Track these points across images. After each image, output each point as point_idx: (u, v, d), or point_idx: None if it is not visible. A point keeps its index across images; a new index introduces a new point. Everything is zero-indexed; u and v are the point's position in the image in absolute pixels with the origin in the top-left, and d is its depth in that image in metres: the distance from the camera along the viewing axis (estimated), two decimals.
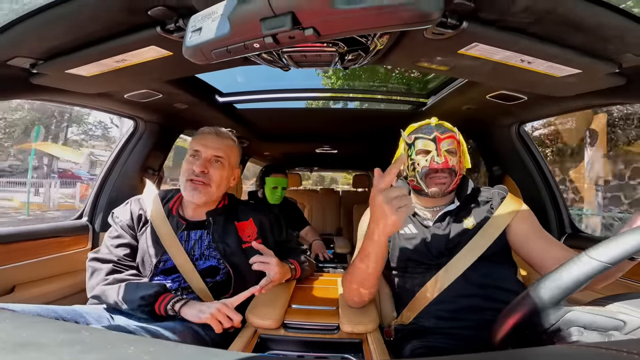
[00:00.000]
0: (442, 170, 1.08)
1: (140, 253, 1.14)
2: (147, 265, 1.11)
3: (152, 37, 0.77)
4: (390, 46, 0.86)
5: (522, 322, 0.58)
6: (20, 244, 1.18)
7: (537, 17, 0.68)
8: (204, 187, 1.14)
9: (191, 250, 1.14)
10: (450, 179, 1.09)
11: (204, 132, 1.19)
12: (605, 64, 0.80)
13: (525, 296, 0.59)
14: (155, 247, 1.12)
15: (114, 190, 1.59)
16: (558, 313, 0.56)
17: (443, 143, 1.09)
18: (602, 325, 0.53)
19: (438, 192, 1.08)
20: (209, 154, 1.15)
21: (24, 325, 0.38)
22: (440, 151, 1.07)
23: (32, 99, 1.14)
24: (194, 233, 1.18)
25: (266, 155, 3.52)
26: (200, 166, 1.13)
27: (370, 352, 0.84)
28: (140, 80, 1.17)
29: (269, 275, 1.05)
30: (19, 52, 0.85)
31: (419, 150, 1.11)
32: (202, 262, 1.14)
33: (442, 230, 1.09)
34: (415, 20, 0.49)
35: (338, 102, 1.90)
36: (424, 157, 1.09)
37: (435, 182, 1.08)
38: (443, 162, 1.06)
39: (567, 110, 1.30)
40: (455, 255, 1.03)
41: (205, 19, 0.59)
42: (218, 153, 1.16)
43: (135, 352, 0.32)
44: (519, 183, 1.54)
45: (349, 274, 0.98)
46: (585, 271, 0.55)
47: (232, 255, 1.15)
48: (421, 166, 1.09)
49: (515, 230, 1.06)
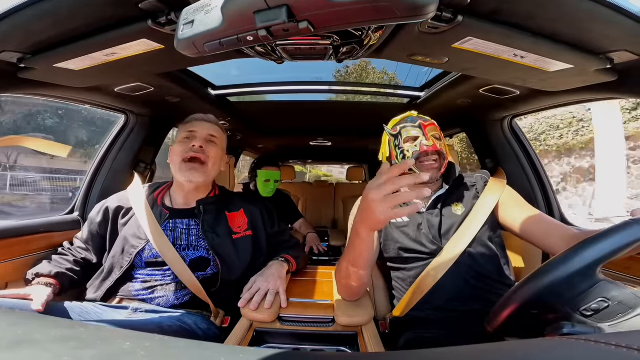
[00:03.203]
0: (432, 153, 1.13)
1: (120, 243, 1.12)
2: (126, 255, 1.09)
3: (143, 30, 0.75)
4: (385, 40, 0.85)
5: (546, 292, 0.57)
6: (9, 240, 1.16)
7: (530, 12, 0.68)
8: (201, 166, 1.15)
9: (177, 240, 1.12)
10: (440, 162, 1.14)
11: (193, 119, 1.22)
12: (597, 59, 0.81)
13: (555, 262, 0.57)
14: (135, 236, 1.11)
15: (105, 184, 1.57)
16: (592, 280, 0.55)
17: (429, 129, 1.14)
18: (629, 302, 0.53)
19: (432, 176, 1.12)
20: (204, 133, 1.19)
21: (18, 322, 0.37)
22: (427, 135, 1.12)
23: (20, 94, 1.11)
24: (181, 222, 1.16)
25: (260, 148, 3.50)
26: (199, 141, 1.15)
27: (366, 344, 0.85)
28: (131, 74, 1.15)
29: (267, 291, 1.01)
30: (6, 46, 0.83)
31: (407, 138, 1.14)
32: (192, 252, 1.11)
33: (435, 216, 1.11)
34: (411, 13, 0.49)
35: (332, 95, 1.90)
36: (412, 143, 1.13)
37: (427, 168, 1.12)
38: (432, 145, 1.10)
39: (559, 104, 1.31)
40: (448, 241, 1.05)
41: (198, 12, 0.59)
42: (213, 132, 1.21)
43: (131, 347, 0.32)
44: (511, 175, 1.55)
45: (338, 268, 0.98)
46: (633, 236, 0.54)
47: (220, 246, 1.13)
48: (411, 152, 1.12)
49: (504, 210, 1.10)
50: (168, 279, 1.08)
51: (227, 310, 1.10)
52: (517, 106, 1.43)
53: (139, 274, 1.09)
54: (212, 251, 1.11)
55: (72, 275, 1.11)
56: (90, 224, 1.20)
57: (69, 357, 0.29)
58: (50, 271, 1.06)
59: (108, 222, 1.19)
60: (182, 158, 1.14)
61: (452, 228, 1.07)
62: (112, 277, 1.07)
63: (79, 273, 1.14)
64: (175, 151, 1.17)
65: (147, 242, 1.09)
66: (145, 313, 1.00)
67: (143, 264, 1.09)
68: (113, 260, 1.10)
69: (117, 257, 1.10)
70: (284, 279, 1.10)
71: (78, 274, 1.13)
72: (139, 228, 1.12)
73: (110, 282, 1.07)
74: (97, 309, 1.00)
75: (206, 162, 1.16)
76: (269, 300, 0.96)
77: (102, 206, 1.22)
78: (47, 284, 1.02)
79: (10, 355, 0.29)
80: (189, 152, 1.14)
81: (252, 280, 1.05)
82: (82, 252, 1.19)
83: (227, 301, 1.08)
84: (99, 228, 1.19)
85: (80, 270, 1.15)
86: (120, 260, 1.09)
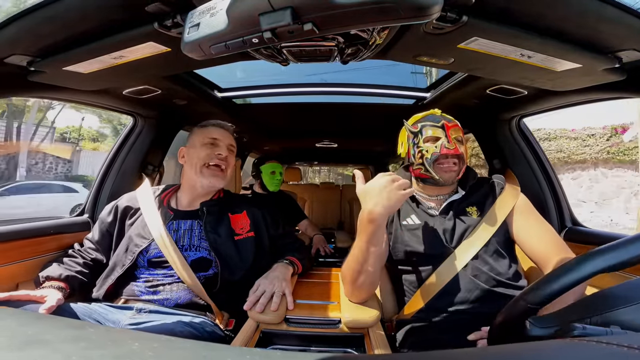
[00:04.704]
0: (452, 157, 1.07)
1: (125, 242, 1.15)
2: (129, 254, 1.11)
3: (150, 33, 0.76)
4: (390, 41, 0.85)
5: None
6: (20, 242, 1.18)
7: (537, 12, 0.67)
8: (221, 173, 1.23)
9: (180, 240, 1.14)
10: (459, 166, 1.09)
11: (214, 125, 1.28)
12: (605, 58, 0.80)
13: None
14: (140, 236, 1.13)
15: (114, 186, 1.58)
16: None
17: (451, 130, 1.08)
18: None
19: (449, 178, 1.08)
20: (227, 142, 1.26)
21: (28, 322, 0.38)
22: (450, 137, 1.07)
23: (29, 97, 1.14)
24: (184, 223, 1.18)
25: (266, 149, 3.51)
26: (224, 150, 1.23)
27: (372, 346, 0.84)
28: (138, 77, 1.16)
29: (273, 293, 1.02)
30: (16, 50, 0.84)
31: (428, 137, 1.09)
32: (193, 253, 1.13)
33: (448, 220, 1.08)
34: (415, 14, 0.49)
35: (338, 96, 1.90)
36: (432, 144, 1.08)
37: (445, 170, 1.07)
38: (454, 149, 1.06)
39: (568, 104, 1.29)
40: (459, 245, 1.03)
41: (203, 14, 0.59)
42: (232, 142, 1.29)
43: (140, 348, 0.32)
44: (520, 176, 1.53)
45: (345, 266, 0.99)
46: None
47: (221, 246, 1.14)
48: (431, 152, 1.07)
49: (515, 220, 1.07)
50: (170, 278, 1.09)
51: (231, 313, 1.10)
52: (525, 106, 1.41)
53: (142, 274, 1.10)
54: (214, 252, 1.12)
55: (81, 277, 1.13)
56: (101, 224, 1.23)
57: (79, 357, 0.29)
58: (61, 274, 1.08)
59: (117, 221, 1.22)
60: (204, 162, 1.20)
61: (464, 232, 1.05)
62: (114, 275, 1.09)
63: (89, 275, 1.15)
64: (194, 154, 1.21)
65: (152, 241, 1.11)
66: (149, 314, 1.01)
67: (146, 263, 1.11)
68: (116, 259, 1.12)
69: (120, 255, 1.12)
70: (289, 281, 1.10)
71: (87, 276, 1.15)
72: (144, 228, 1.14)
73: (112, 280, 1.08)
74: (102, 310, 1.00)
75: (226, 169, 1.24)
76: (275, 302, 0.96)
77: (112, 206, 1.25)
78: (58, 287, 1.03)
79: (20, 355, 0.30)
80: (214, 159, 1.21)
81: (257, 283, 1.05)
82: (92, 252, 1.21)
83: (231, 303, 1.09)
84: (109, 227, 1.22)
85: (90, 272, 1.16)
86: (123, 259, 1.11)
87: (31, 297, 0.91)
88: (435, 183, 1.11)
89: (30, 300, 0.91)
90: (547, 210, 1.47)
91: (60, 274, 1.08)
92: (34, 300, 0.91)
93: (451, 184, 1.12)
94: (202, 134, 1.24)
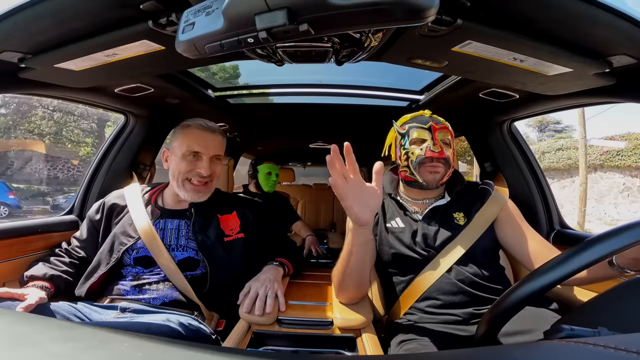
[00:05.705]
0: (438, 160, 1.06)
1: (110, 240, 1.12)
2: (114, 252, 1.09)
3: (144, 31, 0.76)
4: (385, 43, 0.85)
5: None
6: (7, 241, 1.16)
7: (530, 16, 0.68)
8: (205, 187, 1.16)
9: (167, 239, 1.12)
10: (444, 170, 1.08)
11: (197, 129, 1.14)
12: (596, 63, 0.81)
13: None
14: (126, 234, 1.12)
15: (103, 185, 1.56)
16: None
17: (438, 133, 1.07)
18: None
19: (432, 181, 1.07)
20: (211, 153, 1.14)
21: (17, 322, 0.37)
22: (436, 140, 1.06)
23: (20, 94, 1.12)
24: (171, 222, 1.16)
25: (259, 150, 3.50)
26: (207, 169, 1.13)
27: (364, 347, 0.84)
28: (131, 75, 1.15)
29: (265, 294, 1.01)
30: (7, 46, 0.83)
31: (414, 139, 1.09)
32: (180, 253, 1.11)
33: (432, 224, 1.08)
34: (411, 17, 0.49)
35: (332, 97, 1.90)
36: (418, 146, 1.08)
37: (429, 171, 1.06)
38: (439, 152, 1.05)
39: (558, 108, 1.31)
40: (443, 249, 1.03)
41: (198, 13, 0.59)
42: (218, 152, 1.17)
43: (129, 348, 0.32)
44: (510, 179, 1.56)
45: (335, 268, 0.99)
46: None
47: (210, 248, 1.12)
48: (415, 155, 1.07)
49: (501, 226, 1.07)
50: (157, 277, 1.07)
51: (221, 314, 1.09)
52: (516, 110, 1.43)
53: (128, 272, 1.09)
54: (201, 252, 1.10)
55: (67, 277, 1.11)
56: (89, 222, 1.21)
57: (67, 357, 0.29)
58: (45, 273, 1.06)
59: (104, 218, 1.19)
60: (186, 177, 1.13)
61: (449, 237, 1.05)
62: (97, 274, 1.07)
63: (75, 274, 1.13)
64: (179, 166, 1.12)
65: (138, 239, 1.09)
66: (134, 313, 0.99)
67: (132, 261, 1.09)
68: (100, 257, 1.10)
69: (104, 253, 1.10)
70: (281, 282, 1.09)
71: (73, 275, 1.13)
72: (130, 225, 1.13)
73: (95, 278, 1.06)
74: (86, 309, 0.98)
75: (210, 182, 1.17)
76: (269, 304, 0.95)
77: (100, 203, 1.23)
78: (41, 287, 1.01)
79: (8, 355, 0.29)
80: (196, 177, 1.13)
81: (248, 285, 1.04)
82: (79, 251, 1.19)
83: (220, 304, 1.08)
84: (97, 225, 1.20)
85: (76, 271, 1.14)
86: (107, 257, 1.09)
87: (12, 294, 0.89)
88: (420, 186, 1.10)
89: (11, 297, 0.89)
90: (536, 214, 1.49)
91: (45, 273, 1.06)
92: (15, 298, 0.89)
93: (436, 187, 1.11)
94: (183, 139, 1.12)
